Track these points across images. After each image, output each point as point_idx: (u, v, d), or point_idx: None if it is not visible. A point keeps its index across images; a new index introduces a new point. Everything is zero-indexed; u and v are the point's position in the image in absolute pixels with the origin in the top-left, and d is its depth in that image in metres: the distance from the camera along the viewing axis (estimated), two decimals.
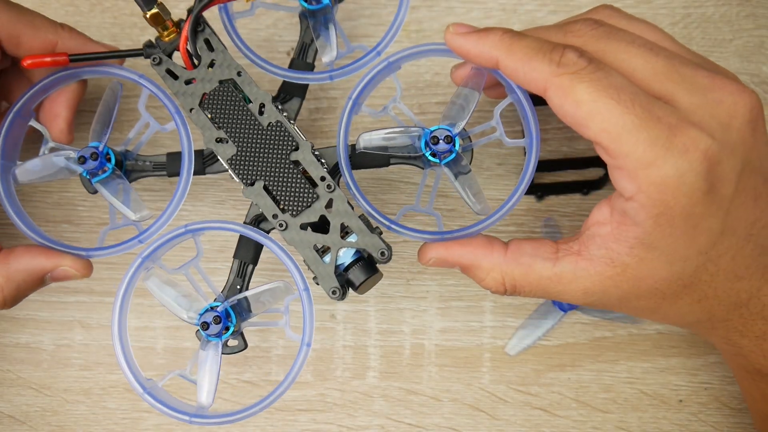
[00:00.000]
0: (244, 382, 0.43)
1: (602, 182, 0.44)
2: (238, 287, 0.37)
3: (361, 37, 0.45)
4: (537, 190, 0.44)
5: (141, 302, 0.43)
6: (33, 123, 0.39)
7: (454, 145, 0.36)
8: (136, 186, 0.41)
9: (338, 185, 0.36)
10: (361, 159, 0.38)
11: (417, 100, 0.45)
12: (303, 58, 0.40)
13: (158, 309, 0.41)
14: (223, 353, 0.36)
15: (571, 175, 0.44)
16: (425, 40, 0.45)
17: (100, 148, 0.37)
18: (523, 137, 0.36)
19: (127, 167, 0.39)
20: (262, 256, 0.38)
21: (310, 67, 0.40)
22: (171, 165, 0.39)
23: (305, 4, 0.38)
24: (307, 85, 0.40)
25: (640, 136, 0.28)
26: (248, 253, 0.38)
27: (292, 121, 0.37)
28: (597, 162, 0.42)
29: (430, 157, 0.36)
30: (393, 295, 0.44)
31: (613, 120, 0.29)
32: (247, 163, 0.36)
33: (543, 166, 0.43)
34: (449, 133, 0.36)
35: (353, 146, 0.37)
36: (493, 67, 0.33)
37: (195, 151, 0.37)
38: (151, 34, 0.45)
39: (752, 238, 0.31)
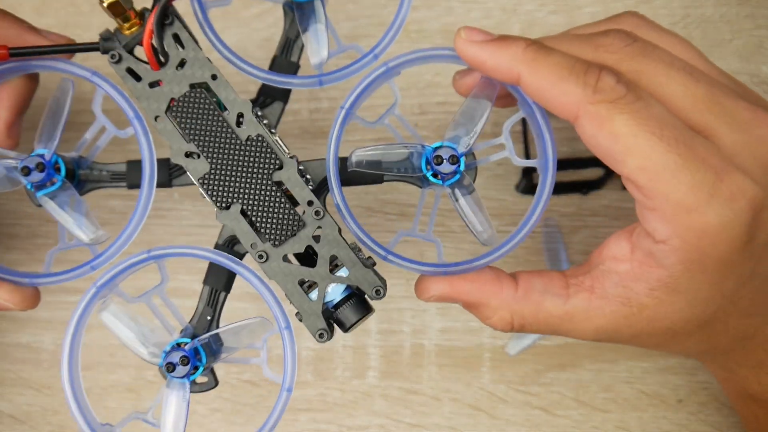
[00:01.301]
0: (244, 381, 0.43)
1: (602, 182, 0.44)
2: (209, 317, 0.33)
3: (360, 38, 0.45)
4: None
5: None
6: None
7: (459, 166, 0.31)
8: (92, 198, 0.36)
9: (325, 206, 0.32)
10: (352, 175, 0.33)
11: (417, 101, 0.45)
12: (287, 55, 0.35)
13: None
14: (192, 392, 0.31)
15: (571, 175, 0.44)
16: (425, 40, 0.45)
17: (47, 157, 0.32)
18: (528, 156, 0.32)
19: (80, 177, 0.34)
20: (237, 281, 0.34)
21: (295, 67, 0.35)
22: (131, 175, 0.34)
23: None
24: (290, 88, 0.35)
25: (683, 179, 0.26)
26: (220, 280, 0.34)
27: (273, 131, 0.33)
28: (597, 162, 0.42)
29: (432, 178, 0.32)
30: (393, 295, 0.44)
31: (655, 158, 0.26)
32: (221, 183, 0.31)
33: None
34: (454, 152, 0.31)
35: (344, 159, 0.32)
36: (513, 83, 0.29)
37: (160, 159, 0.33)
38: None
39: None
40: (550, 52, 0.28)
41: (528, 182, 0.43)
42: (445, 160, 0.31)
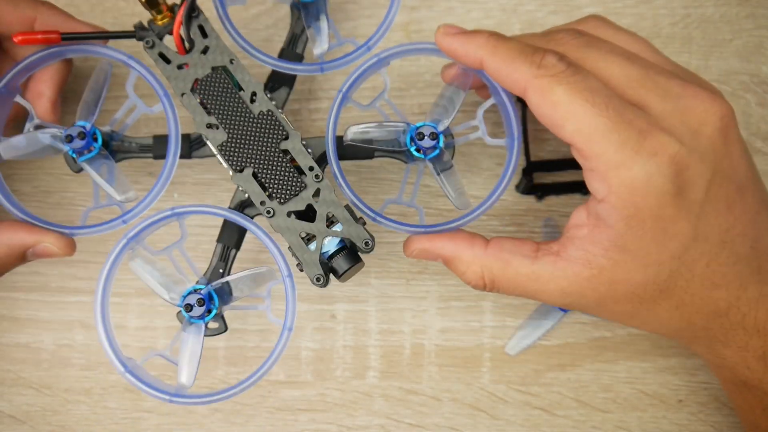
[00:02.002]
0: None
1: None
2: (221, 271, 0.38)
3: (360, 37, 0.45)
4: (537, 190, 0.44)
5: (143, 302, 0.43)
6: (18, 99, 0.38)
7: (438, 142, 0.37)
8: (121, 167, 0.40)
9: (325, 175, 0.37)
10: (347, 150, 0.39)
11: (417, 100, 0.45)
12: (292, 48, 0.40)
13: (160, 309, 0.41)
14: (205, 335, 0.36)
15: (571, 175, 0.44)
16: (425, 39, 0.45)
17: (87, 128, 0.37)
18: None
19: (113, 148, 0.39)
20: (245, 242, 0.39)
21: (299, 58, 0.41)
22: (157, 147, 0.39)
23: None
24: (295, 76, 0.40)
25: (611, 138, 0.30)
26: (232, 238, 0.38)
27: (280, 110, 0.38)
28: None
29: (415, 153, 0.37)
30: (393, 295, 0.44)
31: (587, 121, 0.30)
32: (237, 149, 0.36)
33: (543, 166, 0.44)
34: (434, 130, 0.37)
35: (340, 138, 0.38)
36: (479, 67, 0.34)
37: (182, 134, 0.37)
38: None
39: (727, 246, 0.31)
40: (507, 40, 0.33)
41: (528, 182, 0.43)
42: (426, 137, 0.37)
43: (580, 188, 0.44)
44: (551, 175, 0.44)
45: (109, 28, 0.45)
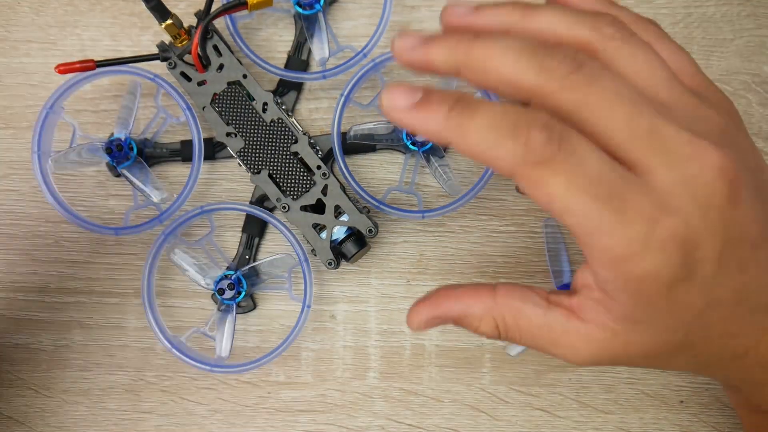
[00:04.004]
0: (244, 382, 0.43)
1: None
2: (247, 257, 0.43)
3: (360, 37, 0.45)
4: None
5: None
6: (64, 117, 0.43)
7: None
8: (154, 171, 0.44)
9: (332, 170, 0.42)
10: (351, 145, 0.43)
11: None
12: (298, 55, 0.44)
13: (159, 309, 0.41)
14: (237, 313, 0.42)
15: None
16: None
17: (123, 139, 0.42)
18: None
19: (146, 154, 0.43)
20: (268, 232, 0.43)
21: (305, 64, 0.45)
22: (185, 151, 0.43)
23: (299, 9, 0.42)
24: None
25: (617, 234, 0.26)
26: (255, 228, 0.43)
27: (290, 113, 0.42)
28: None
29: (411, 146, 0.42)
30: (393, 295, 0.44)
31: (589, 217, 0.26)
32: (253, 154, 0.41)
33: None
34: None
35: (345, 135, 0.42)
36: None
37: (205, 138, 0.42)
38: (151, 33, 0.45)
39: (743, 302, 0.30)
40: (474, 115, 0.26)
41: None
42: None
43: None
44: None
45: (108, 27, 0.45)
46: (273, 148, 0.41)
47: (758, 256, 0.29)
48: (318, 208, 0.41)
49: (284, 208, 0.41)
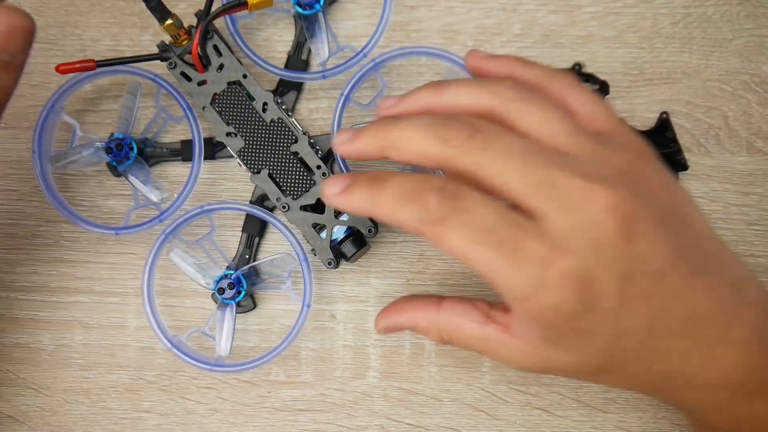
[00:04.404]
0: (244, 382, 0.43)
1: None
2: (247, 257, 0.43)
3: (360, 37, 0.45)
4: None
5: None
6: (64, 117, 0.42)
7: None
8: (154, 170, 0.45)
9: (332, 170, 0.42)
10: None
11: None
12: (298, 55, 0.44)
13: (160, 308, 0.41)
14: (237, 312, 0.42)
15: None
16: (425, 39, 0.45)
17: (123, 139, 0.42)
18: None
19: (147, 154, 0.43)
20: (268, 231, 0.43)
21: (305, 64, 0.44)
22: (185, 151, 0.43)
23: (299, 9, 0.42)
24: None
25: (513, 276, 0.29)
26: (255, 228, 0.43)
27: (290, 113, 0.42)
28: None
29: None
30: (393, 294, 0.44)
31: (486, 263, 0.29)
32: (253, 154, 0.41)
33: None
34: None
35: None
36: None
37: (205, 138, 0.42)
38: (151, 33, 0.45)
39: (654, 330, 0.31)
40: (382, 190, 0.31)
41: None
42: None
43: None
44: None
45: (108, 27, 0.45)
46: (273, 147, 0.41)
47: (666, 282, 0.31)
48: (318, 207, 0.41)
49: (284, 207, 0.41)
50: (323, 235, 0.40)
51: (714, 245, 0.33)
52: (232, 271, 0.42)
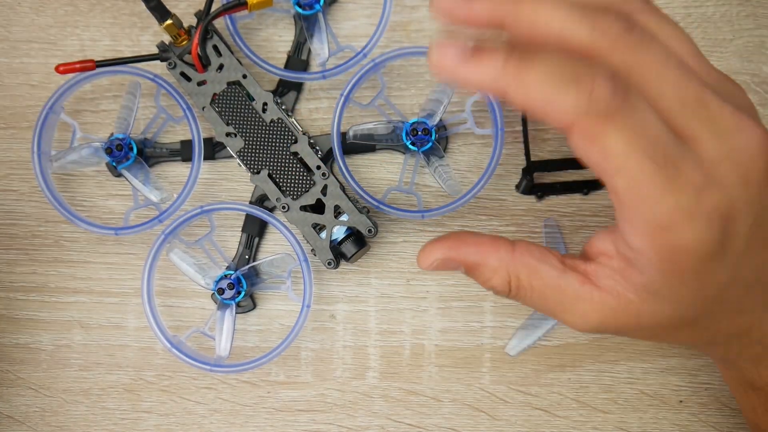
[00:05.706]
0: (244, 382, 0.43)
1: (602, 182, 0.43)
2: (247, 257, 0.43)
3: (360, 37, 0.45)
4: (537, 190, 0.44)
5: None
6: (63, 117, 0.43)
7: (431, 136, 0.42)
8: (154, 170, 0.45)
9: (332, 170, 0.42)
10: (351, 145, 0.43)
11: (418, 100, 0.45)
12: (298, 55, 0.44)
13: (160, 308, 0.41)
14: (237, 313, 0.42)
15: (571, 175, 0.44)
16: (425, 39, 0.45)
17: (123, 139, 0.42)
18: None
19: (146, 154, 0.43)
20: (268, 232, 0.44)
21: (305, 64, 0.45)
22: (185, 151, 0.43)
23: (299, 10, 0.42)
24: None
25: (667, 201, 0.25)
26: (254, 228, 0.43)
27: (290, 113, 0.42)
28: None
29: (410, 146, 0.42)
30: (393, 295, 0.44)
31: (643, 180, 0.25)
32: (253, 154, 0.41)
33: (543, 166, 0.43)
34: (426, 126, 0.42)
35: (344, 135, 0.42)
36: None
37: (205, 138, 0.43)
38: (151, 33, 0.45)
39: (759, 280, 0.30)
40: (533, 62, 0.25)
41: (528, 182, 0.43)
42: (419, 132, 0.42)
43: (580, 188, 0.44)
44: (551, 175, 0.44)
45: (108, 27, 0.45)
46: (273, 148, 0.41)
47: None
48: (318, 208, 0.41)
49: (284, 207, 0.40)
50: (323, 235, 0.40)
51: None
52: (231, 272, 0.42)
